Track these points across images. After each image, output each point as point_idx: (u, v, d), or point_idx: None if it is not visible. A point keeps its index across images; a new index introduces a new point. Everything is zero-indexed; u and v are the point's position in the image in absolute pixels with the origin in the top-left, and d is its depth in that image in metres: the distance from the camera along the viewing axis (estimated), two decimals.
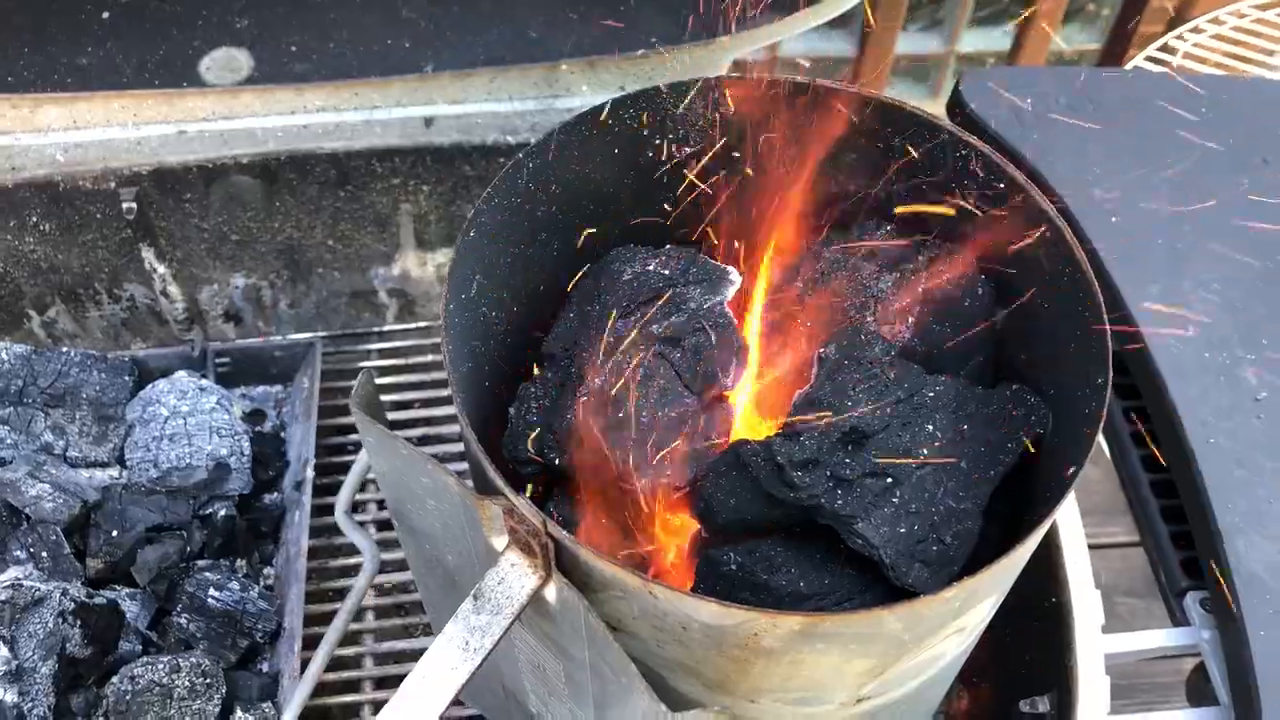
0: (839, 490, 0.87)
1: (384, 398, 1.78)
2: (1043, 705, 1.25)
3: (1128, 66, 2.29)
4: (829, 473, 0.88)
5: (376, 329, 1.85)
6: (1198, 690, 1.32)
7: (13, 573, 1.34)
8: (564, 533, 0.79)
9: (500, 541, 0.85)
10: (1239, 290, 1.40)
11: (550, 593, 0.84)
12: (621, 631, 0.85)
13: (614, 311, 1.02)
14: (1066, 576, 1.26)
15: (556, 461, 0.97)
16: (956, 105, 1.63)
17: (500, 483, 0.82)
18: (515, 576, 0.84)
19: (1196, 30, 2.30)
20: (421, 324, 1.85)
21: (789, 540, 0.91)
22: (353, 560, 1.59)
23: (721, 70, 1.62)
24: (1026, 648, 1.32)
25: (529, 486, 1.05)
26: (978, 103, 1.61)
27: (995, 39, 3.04)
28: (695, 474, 0.94)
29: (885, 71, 3.04)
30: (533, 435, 0.99)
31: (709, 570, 0.92)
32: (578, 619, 0.83)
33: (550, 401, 1.01)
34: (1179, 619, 1.34)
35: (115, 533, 1.45)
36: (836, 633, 0.78)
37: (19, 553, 1.40)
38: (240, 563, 1.53)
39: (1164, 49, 2.27)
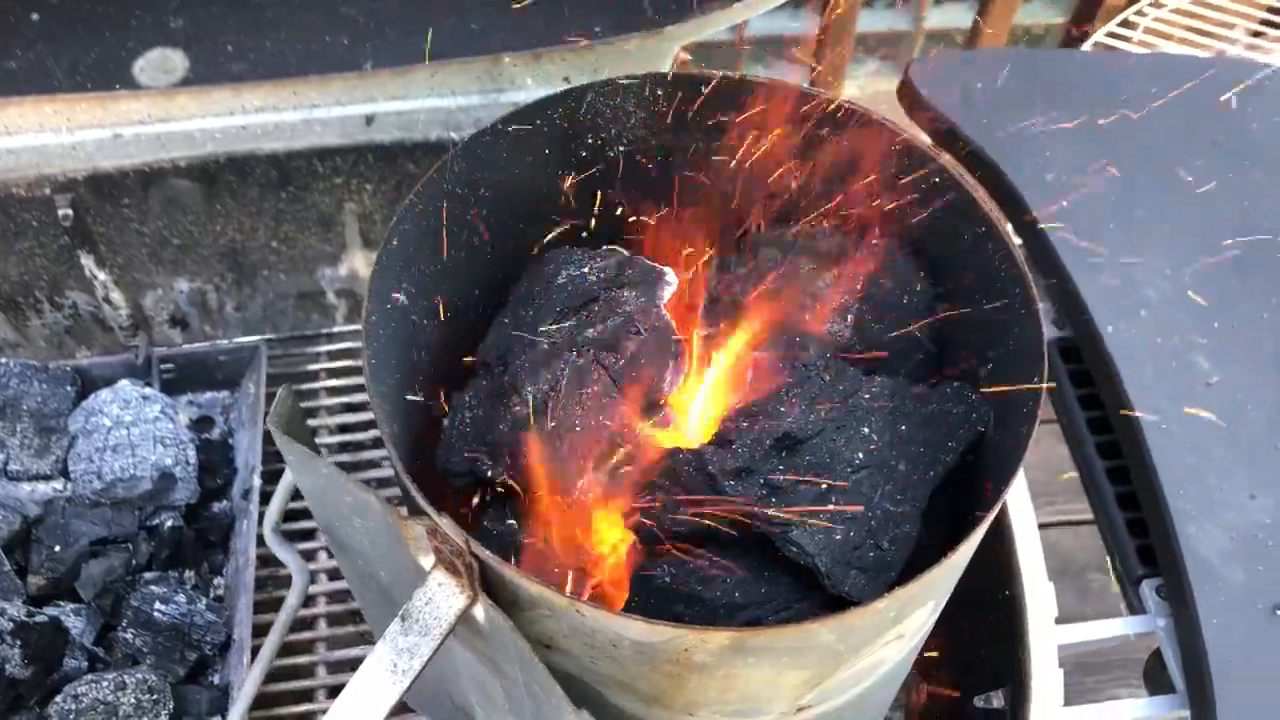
0: (773, 498, 0.86)
1: (336, 400, 1.75)
2: (997, 700, 1.24)
3: (1088, 44, 2.27)
4: (762, 480, 0.86)
5: (325, 330, 1.82)
6: (1155, 677, 1.31)
7: None
8: (488, 553, 0.77)
9: (427, 560, 0.83)
10: (1190, 274, 1.39)
11: (479, 612, 0.82)
12: (554, 649, 0.83)
13: (548, 316, 1.00)
14: (1019, 568, 1.25)
15: (490, 474, 0.95)
16: (906, 90, 1.61)
17: (422, 502, 0.79)
18: (442, 597, 0.82)
19: (1158, 4, 2.29)
20: None
21: (723, 550, 0.89)
22: (302, 545, 1.57)
23: (670, 59, 1.60)
24: (980, 642, 1.31)
25: (474, 498, 1.03)
26: (928, 88, 1.59)
27: (960, 15, 3.02)
28: (630, 484, 0.92)
29: (847, 51, 3.01)
30: (466, 447, 0.97)
31: (643, 583, 0.90)
32: (507, 638, 0.81)
33: (484, 411, 0.99)
34: (1135, 607, 1.33)
35: (58, 548, 1.43)
36: (768, 647, 0.77)
37: None
38: (189, 574, 1.50)
39: (1125, 24, 2.26)
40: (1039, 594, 1.25)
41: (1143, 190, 1.47)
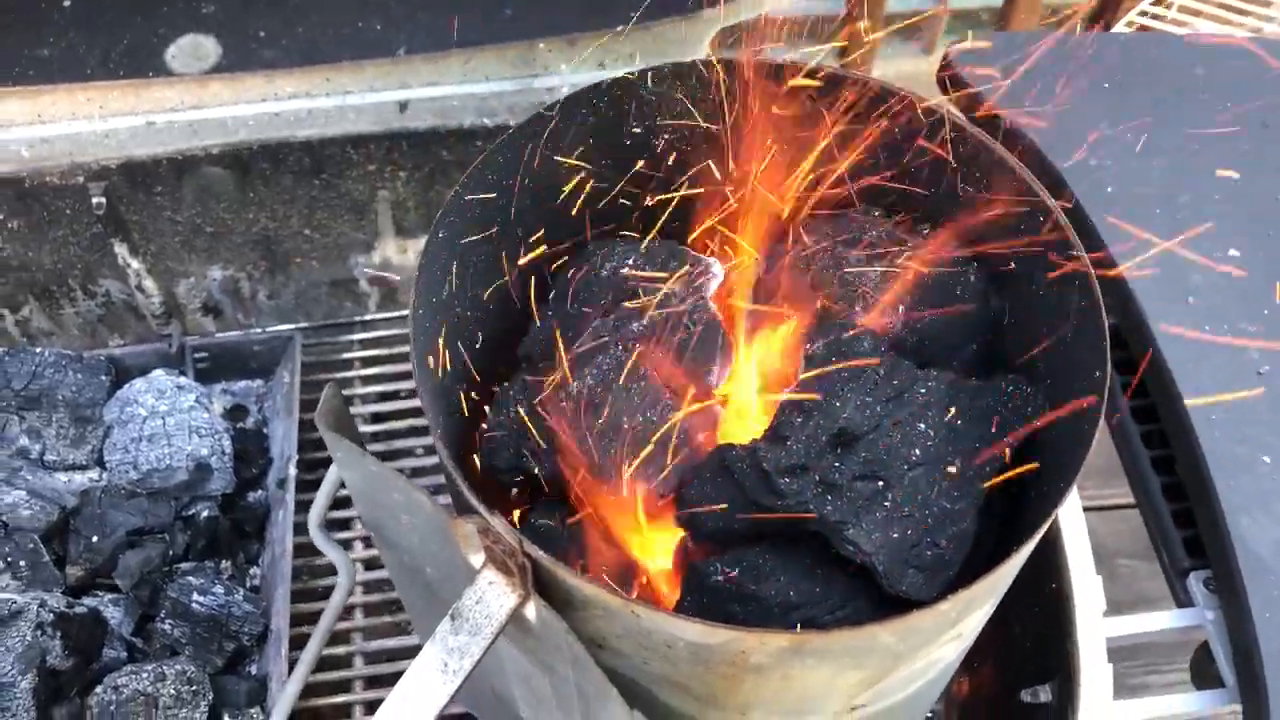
0: (828, 496, 0.84)
1: (369, 389, 1.75)
2: (1044, 694, 1.22)
3: (1123, 21, 2.23)
4: (817, 478, 0.84)
5: (359, 318, 1.81)
6: (1202, 670, 1.29)
7: None
8: (542, 553, 0.76)
9: (477, 559, 0.82)
10: (1240, 261, 1.36)
11: (530, 611, 0.81)
12: (606, 649, 0.82)
13: (592, 310, 0.99)
14: (1066, 561, 1.23)
15: (536, 470, 0.94)
16: (946, 73, 1.58)
17: (475, 502, 0.78)
18: (493, 596, 0.81)
19: None
20: (405, 312, 1.80)
21: (777, 547, 0.87)
22: (342, 534, 1.57)
23: (706, 44, 1.58)
24: (1026, 634, 1.29)
25: (520, 493, 1.01)
26: (968, 71, 1.56)
27: None
28: (680, 480, 0.91)
29: (878, 29, 2.97)
30: (512, 443, 0.96)
31: (696, 582, 0.88)
32: (559, 639, 0.80)
33: (529, 406, 0.97)
34: (1182, 599, 1.31)
35: (95, 538, 1.42)
36: (827, 649, 0.75)
37: None
38: (225, 564, 1.50)
39: (1158, 2, 2.21)
40: (1087, 586, 1.23)
41: (1190, 174, 1.44)
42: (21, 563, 1.38)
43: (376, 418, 1.72)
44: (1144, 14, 2.21)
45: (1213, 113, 1.48)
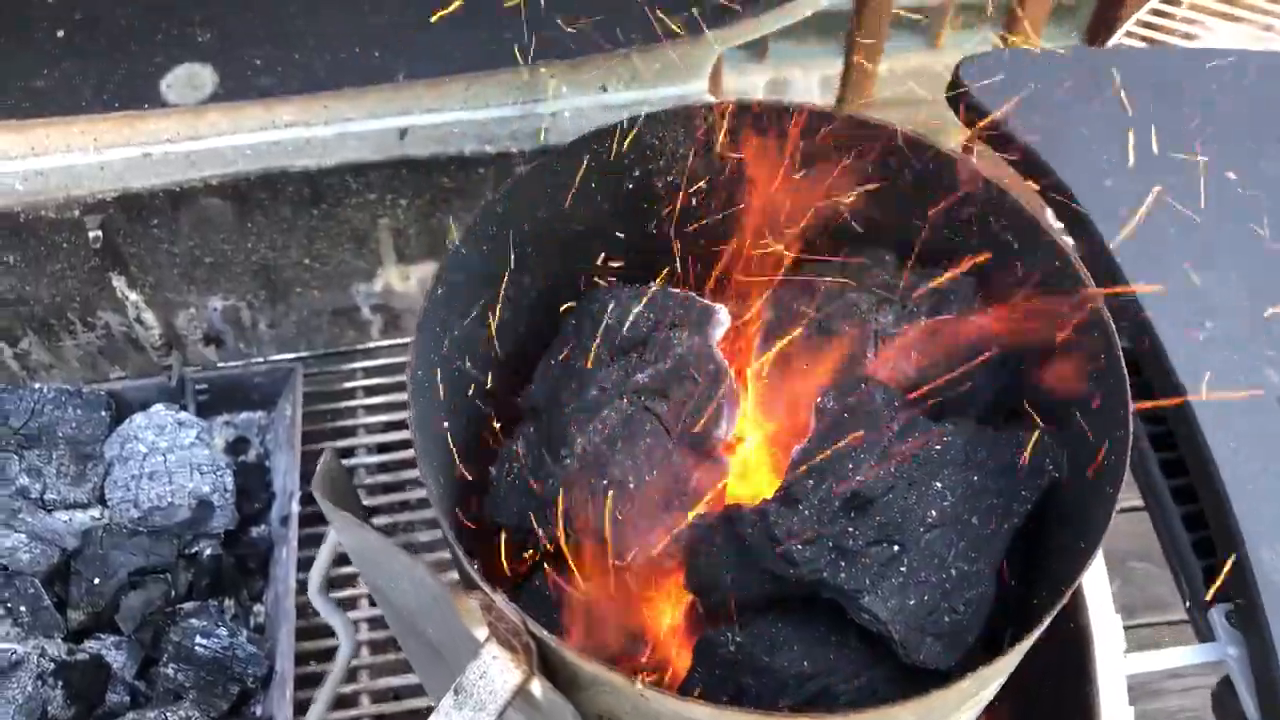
0: (842, 562, 0.81)
1: (374, 418, 1.72)
2: None
3: (1133, 20, 2.19)
4: (831, 544, 0.82)
5: (361, 346, 1.78)
6: (1224, 704, 1.27)
7: None
8: (546, 633, 0.74)
9: (481, 632, 0.80)
10: (1260, 284, 1.33)
11: (535, 688, 0.79)
12: None
13: (596, 360, 0.96)
14: (1085, 600, 1.21)
15: (541, 531, 0.91)
16: (956, 89, 1.55)
17: (478, 580, 0.76)
18: (497, 672, 0.79)
19: None
20: (408, 339, 1.78)
21: (789, 615, 0.85)
22: (344, 592, 1.54)
23: (708, 66, 1.55)
24: (1044, 675, 1.27)
25: (523, 550, 0.99)
26: (978, 86, 1.53)
27: None
28: (688, 543, 0.88)
29: (885, 25, 2.94)
30: (515, 501, 0.93)
31: (708, 652, 0.86)
32: (565, 717, 0.77)
33: (532, 461, 0.95)
34: (1204, 633, 1.28)
35: (97, 580, 1.41)
36: None
37: None
38: (229, 602, 1.48)
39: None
40: (1106, 626, 1.20)
41: (1208, 192, 1.40)
42: (22, 608, 1.35)
43: (381, 448, 1.69)
44: (1154, 12, 2.17)
45: (1233, 127, 1.45)
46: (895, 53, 2.94)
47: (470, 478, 0.97)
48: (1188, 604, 1.33)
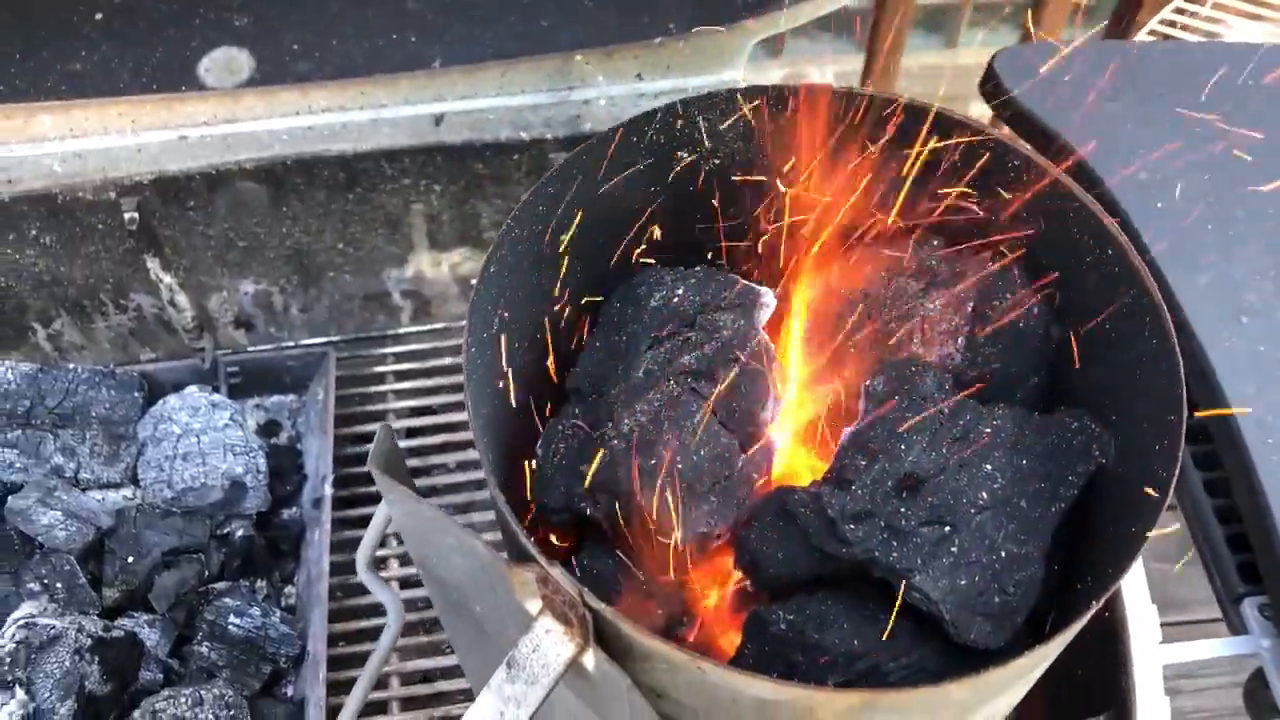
0: (894, 542, 0.81)
1: (403, 403, 1.73)
2: None
3: (1156, 19, 2.18)
4: (883, 524, 0.82)
5: (392, 332, 1.79)
6: (1256, 697, 1.27)
7: (27, 608, 1.30)
8: (604, 605, 0.74)
9: (533, 605, 0.80)
10: None
11: (589, 661, 0.79)
12: (665, 699, 0.80)
13: (642, 342, 0.96)
14: (1121, 591, 1.21)
15: (588, 511, 0.92)
16: (991, 81, 1.55)
17: (534, 551, 0.76)
18: (550, 645, 0.79)
19: None
20: (438, 325, 1.80)
21: (839, 594, 0.85)
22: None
23: (744, 55, 1.55)
24: (1079, 664, 1.27)
25: (570, 530, 0.99)
26: (1012, 80, 1.53)
27: None
28: (737, 523, 0.89)
29: (907, 22, 2.93)
30: (562, 482, 0.94)
31: (758, 630, 0.86)
32: (619, 689, 0.78)
33: (579, 443, 0.95)
34: (1237, 626, 1.28)
35: (131, 559, 1.41)
36: (898, 706, 0.73)
37: (33, 585, 1.36)
38: (261, 583, 1.49)
39: None
40: (1142, 617, 1.20)
41: (1244, 187, 1.40)
42: (58, 585, 1.36)
43: (410, 433, 1.70)
44: (1179, 11, 2.17)
45: (1268, 121, 1.45)
46: (910, 51, 2.94)
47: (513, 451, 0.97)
48: (1220, 598, 1.33)
